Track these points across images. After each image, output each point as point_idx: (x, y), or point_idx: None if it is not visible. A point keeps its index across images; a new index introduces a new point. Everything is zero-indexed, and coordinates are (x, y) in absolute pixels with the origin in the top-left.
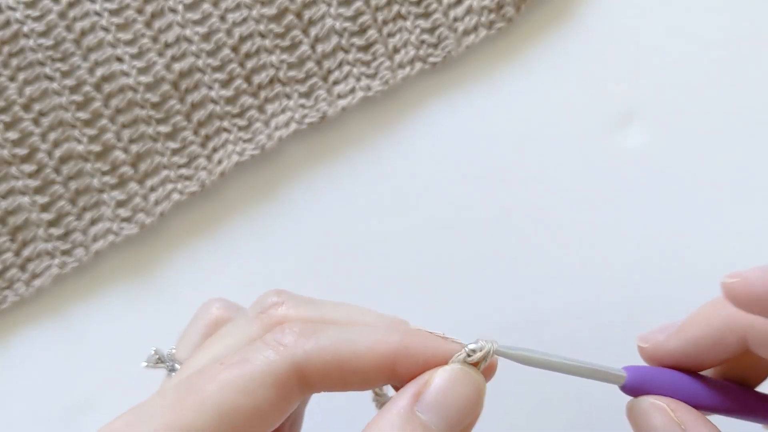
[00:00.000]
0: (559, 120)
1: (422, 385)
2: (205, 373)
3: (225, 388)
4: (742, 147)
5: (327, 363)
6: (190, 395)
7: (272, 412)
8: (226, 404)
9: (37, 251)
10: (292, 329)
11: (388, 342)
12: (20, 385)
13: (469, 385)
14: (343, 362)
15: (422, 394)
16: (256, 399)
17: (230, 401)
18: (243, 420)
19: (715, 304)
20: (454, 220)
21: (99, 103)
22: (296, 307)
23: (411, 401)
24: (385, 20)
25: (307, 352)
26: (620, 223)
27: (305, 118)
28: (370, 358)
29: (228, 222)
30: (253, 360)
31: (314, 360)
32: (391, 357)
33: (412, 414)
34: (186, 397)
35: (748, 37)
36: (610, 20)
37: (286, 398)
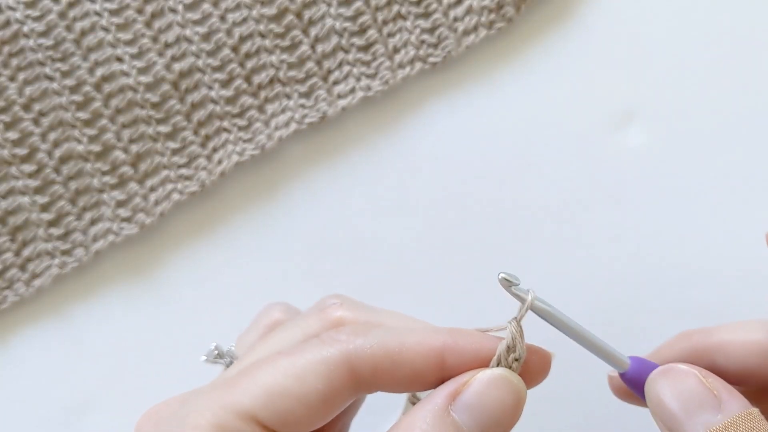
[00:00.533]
0: (560, 120)
1: (461, 385)
2: (263, 360)
3: (277, 373)
4: (742, 147)
5: (378, 357)
6: (243, 378)
7: (320, 402)
8: (275, 387)
9: (37, 251)
10: (347, 327)
11: (437, 338)
12: (20, 385)
13: (508, 391)
14: (394, 356)
15: (460, 395)
16: (306, 386)
17: (280, 384)
18: (290, 404)
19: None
20: (454, 219)
21: (99, 103)
22: (353, 310)
23: (447, 400)
24: (385, 20)
25: (358, 346)
26: (620, 222)
27: (305, 118)
28: (420, 353)
29: (228, 222)
30: (308, 350)
31: (366, 354)
32: (439, 352)
33: (446, 413)
34: (239, 380)
35: (748, 37)
36: (610, 20)
37: (336, 391)
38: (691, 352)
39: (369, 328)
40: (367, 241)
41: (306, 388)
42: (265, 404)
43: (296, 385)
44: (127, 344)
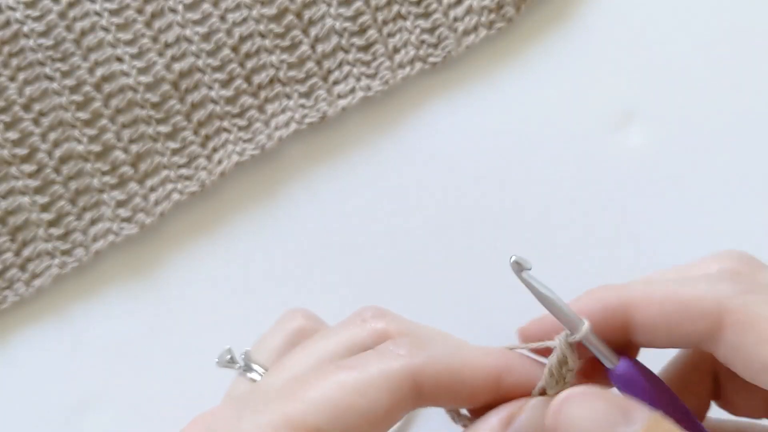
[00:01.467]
0: (559, 120)
1: (516, 409)
2: (319, 371)
3: (341, 388)
4: (742, 147)
5: (440, 373)
6: (305, 390)
7: (384, 417)
8: (341, 403)
9: (37, 251)
10: (404, 341)
11: (495, 356)
12: (20, 385)
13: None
14: (455, 373)
15: (514, 419)
16: (371, 402)
17: (346, 400)
18: (356, 421)
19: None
20: (454, 219)
21: (99, 103)
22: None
23: (503, 424)
24: (385, 20)
25: (423, 361)
26: (620, 222)
27: (305, 118)
28: (480, 371)
29: (228, 222)
30: (371, 365)
31: (429, 369)
32: (497, 373)
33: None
34: (300, 392)
35: (749, 36)
36: (610, 20)
37: (399, 405)
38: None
39: (428, 343)
40: (367, 241)
41: (371, 404)
42: (330, 420)
43: (361, 401)
44: (127, 344)
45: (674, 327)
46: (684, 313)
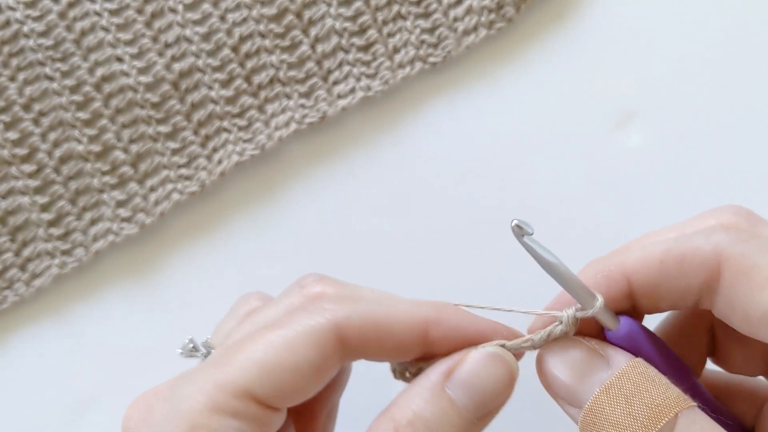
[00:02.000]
0: (560, 120)
1: (455, 363)
2: (251, 335)
3: (269, 346)
4: (742, 146)
5: (365, 324)
6: (235, 354)
7: (314, 372)
8: (269, 361)
9: (37, 251)
10: (332, 298)
11: (421, 310)
12: (20, 385)
13: (501, 369)
14: (381, 325)
15: (454, 372)
16: (298, 357)
17: (273, 358)
18: (285, 376)
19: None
20: (454, 219)
21: (99, 103)
22: (332, 285)
23: (442, 377)
24: (385, 20)
25: (347, 314)
26: (620, 222)
27: (305, 118)
28: (405, 323)
29: (228, 222)
30: (296, 321)
31: (353, 321)
32: (423, 324)
33: (441, 389)
34: (231, 356)
35: (748, 36)
36: (610, 20)
37: (327, 359)
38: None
39: (355, 299)
40: (367, 241)
41: (299, 359)
42: (260, 379)
43: (289, 356)
44: (127, 344)
45: (674, 282)
46: (683, 266)
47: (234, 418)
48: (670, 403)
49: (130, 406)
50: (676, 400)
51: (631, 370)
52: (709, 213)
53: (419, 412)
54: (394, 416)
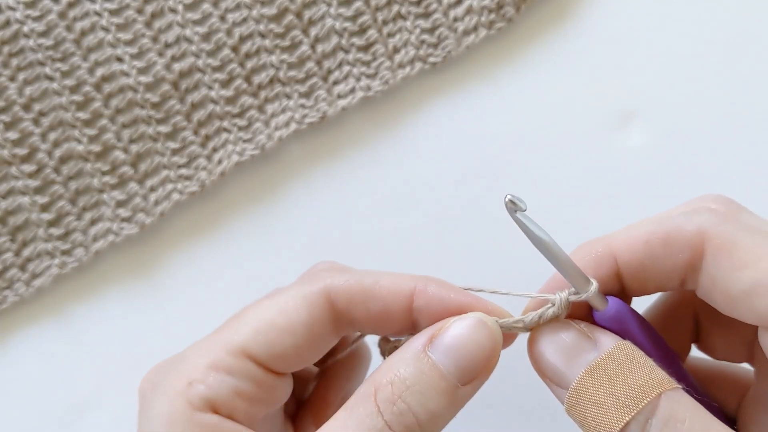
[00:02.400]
0: (560, 120)
1: (438, 329)
2: (251, 304)
3: (264, 310)
4: (742, 146)
5: (352, 289)
6: (234, 321)
7: (305, 332)
8: (263, 321)
9: (37, 251)
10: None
11: (409, 280)
12: (20, 385)
13: (483, 334)
14: (367, 292)
15: (437, 337)
16: (290, 317)
17: (266, 319)
18: (277, 335)
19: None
20: (454, 219)
21: (99, 103)
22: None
23: (425, 342)
24: (385, 20)
25: (335, 280)
26: (620, 222)
27: (305, 118)
28: (391, 291)
29: (228, 222)
30: (292, 289)
31: (342, 286)
32: (409, 293)
33: (423, 353)
34: (230, 323)
35: (749, 36)
36: (610, 20)
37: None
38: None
39: (348, 269)
40: (367, 241)
41: (290, 319)
42: (254, 338)
43: (281, 317)
44: (127, 344)
45: (660, 261)
46: (668, 245)
47: (230, 375)
48: (654, 384)
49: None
50: (660, 382)
51: (618, 352)
52: (692, 200)
53: (400, 374)
54: (375, 379)
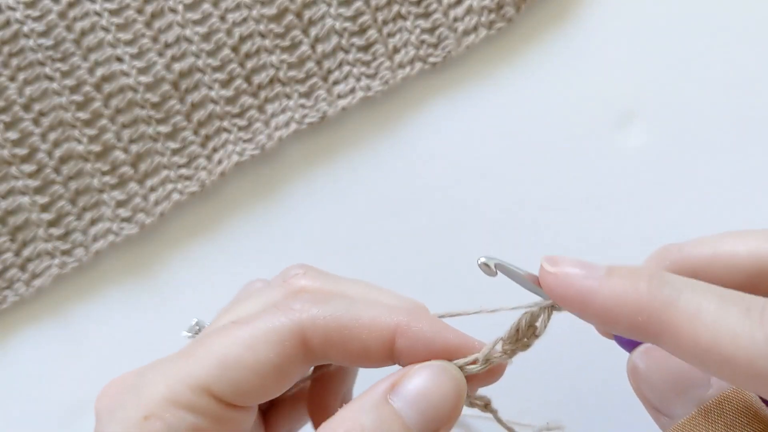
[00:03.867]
0: (560, 120)
1: (400, 376)
2: (218, 330)
3: (231, 343)
4: (742, 146)
5: (329, 328)
6: (199, 348)
7: (274, 372)
8: (230, 357)
9: (37, 251)
10: (305, 296)
11: (392, 318)
12: (20, 385)
13: (447, 386)
14: (345, 330)
15: (398, 385)
16: (258, 355)
17: (234, 354)
18: (244, 375)
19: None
20: (454, 219)
21: (99, 103)
22: (315, 279)
23: (386, 389)
24: (385, 20)
25: (311, 316)
26: (620, 222)
27: (305, 118)
28: (372, 330)
29: (228, 222)
30: (262, 320)
31: (317, 324)
32: (391, 333)
33: (384, 401)
34: (195, 350)
35: (749, 36)
36: (610, 20)
37: (288, 359)
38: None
39: (327, 298)
40: (367, 241)
41: (258, 358)
42: (219, 375)
43: (249, 354)
44: (127, 344)
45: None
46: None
47: (190, 412)
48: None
49: (102, 391)
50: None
51: (734, 395)
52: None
53: (359, 421)
54: (332, 426)
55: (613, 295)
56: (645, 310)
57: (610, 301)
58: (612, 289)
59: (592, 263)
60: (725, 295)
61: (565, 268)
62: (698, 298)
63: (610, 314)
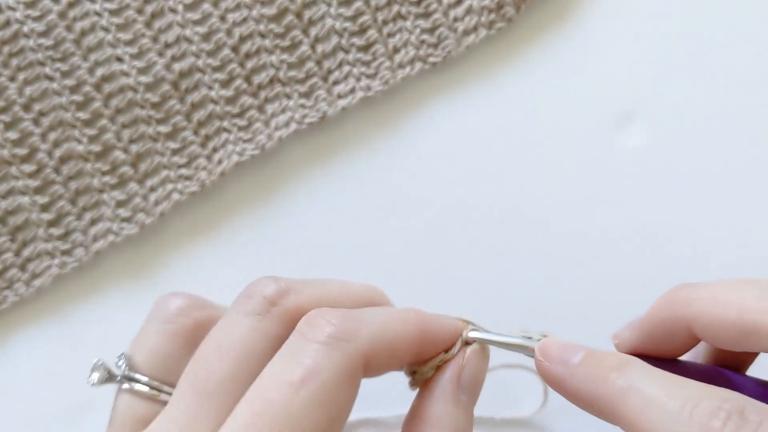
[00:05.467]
0: (560, 120)
1: (459, 368)
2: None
3: (312, 408)
4: (743, 147)
5: (381, 348)
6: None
7: (350, 406)
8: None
9: (37, 251)
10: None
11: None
12: (20, 385)
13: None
14: (390, 345)
15: (461, 378)
16: (341, 404)
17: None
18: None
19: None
20: (454, 220)
21: (99, 103)
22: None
23: (455, 386)
24: (385, 20)
25: (366, 341)
26: (620, 222)
27: (305, 118)
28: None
29: (228, 222)
30: (325, 367)
31: (373, 347)
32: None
33: (457, 398)
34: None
35: (749, 36)
36: (610, 20)
37: (357, 389)
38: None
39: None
40: (367, 242)
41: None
42: None
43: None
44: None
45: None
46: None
47: None
48: None
49: None
50: None
51: None
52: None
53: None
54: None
55: (580, 385)
56: (604, 399)
57: (577, 389)
58: (579, 379)
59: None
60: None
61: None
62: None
63: (580, 400)
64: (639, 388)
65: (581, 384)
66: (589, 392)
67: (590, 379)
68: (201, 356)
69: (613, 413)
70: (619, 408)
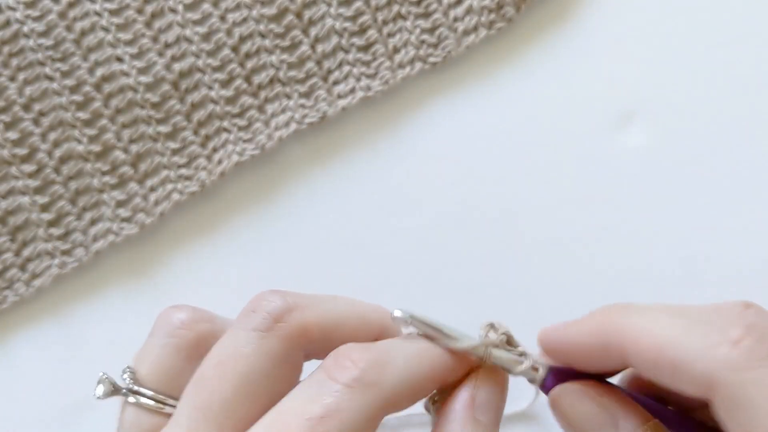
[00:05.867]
0: (560, 120)
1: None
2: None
3: None
4: (743, 147)
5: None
6: None
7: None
8: None
9: (37, 251)
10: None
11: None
12: (20, 385)
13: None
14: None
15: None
16: None
17: None
18: None
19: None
20: (454, 220)
21: (99, 103)
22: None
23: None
24: (385, 20)
25: (389, 388)
26: (620, 222)
27: (305, 118)
28: (433, 381)
29: (228, 222)
30: (345, 409)
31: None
32: (443, 377)
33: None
34: None
35: (749, 36)
36: (610, 20)
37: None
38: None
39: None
40: (367, 242)
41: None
42: None
43: None
44: (127, 344)
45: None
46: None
47: None
48: None
49: None
50: None
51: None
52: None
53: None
54: None
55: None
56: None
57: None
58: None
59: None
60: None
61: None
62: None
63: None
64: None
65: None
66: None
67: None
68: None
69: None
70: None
